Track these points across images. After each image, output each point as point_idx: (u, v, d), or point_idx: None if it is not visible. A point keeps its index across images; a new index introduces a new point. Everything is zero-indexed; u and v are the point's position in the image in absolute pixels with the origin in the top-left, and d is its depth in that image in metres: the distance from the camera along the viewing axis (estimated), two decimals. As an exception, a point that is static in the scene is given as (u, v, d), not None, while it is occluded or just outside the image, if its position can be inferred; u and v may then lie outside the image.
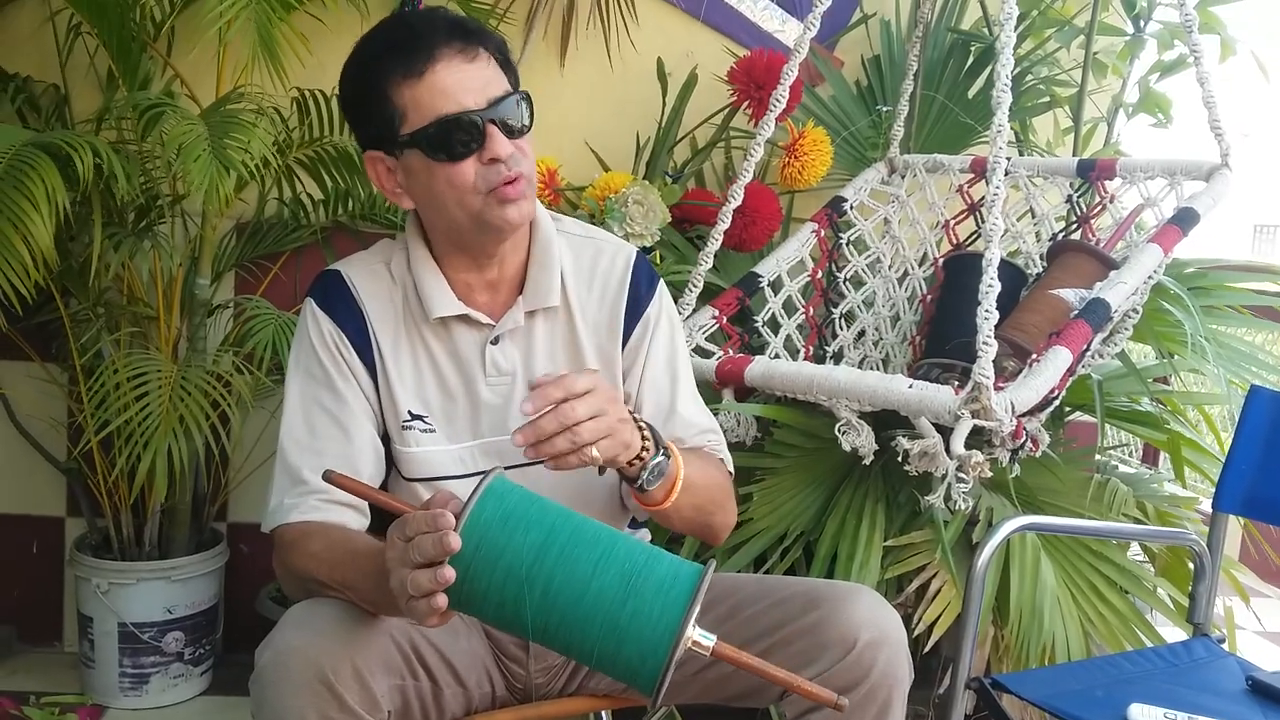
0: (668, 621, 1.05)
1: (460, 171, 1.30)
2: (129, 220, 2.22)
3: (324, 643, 1.18)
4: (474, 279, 1.42)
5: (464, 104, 1.29)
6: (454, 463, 1.42)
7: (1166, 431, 2.16)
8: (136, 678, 2.30)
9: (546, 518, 1.08)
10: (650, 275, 1.52)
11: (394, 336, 1.41)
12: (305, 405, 1.39)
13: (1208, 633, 1.82)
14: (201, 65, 2.32)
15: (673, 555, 1.12)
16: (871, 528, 2.00)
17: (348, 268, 1.44)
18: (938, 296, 2.30)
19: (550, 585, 1.06)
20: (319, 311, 1.41)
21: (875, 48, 2.64)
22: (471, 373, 1.43)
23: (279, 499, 1.35)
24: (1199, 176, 1.98)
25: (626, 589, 1.05)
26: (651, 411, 1.49)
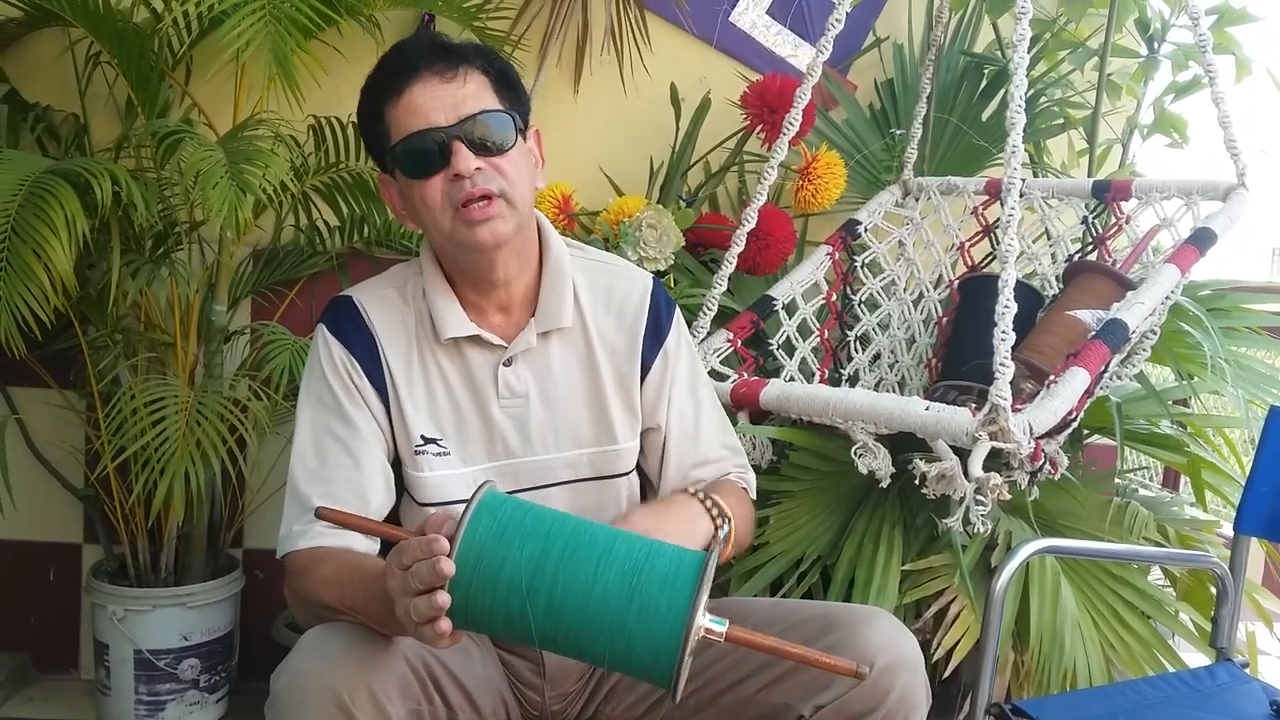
0: (675, 614, 1.04)
1: (429, 188, 1.34)
2: (147, 247, 2.24)
3: (340, 668, 1.17)
4: (485, 301, 1.43)
5: (432, 120, 1.32)
6: (466, 486, 1.42)
7: (1186, 454, 2.14)
8: (152, 705, 2.29)
9: (542, 526, 1.08)
10: (668, 303, 1.53)
11: (406, 359, 1.42)
12: (315, 433, 1.39)
13: (1231, 657, 1.79)
14: (219, 94, 2.34)
15: (673, 546, 1.11)
16: (889, 552, 1.99)
17: (359, 293, 1.45)
18: (953, 319, 2.29)
19: (553, 594, 1.05)
20: (330, 337, 1.42)
21: (888, 71, 2.65)
22: (484, 394, 1.43)
23: (289, 526, 1.36)
24: (1215, 196, 1.98)
25: (630, 587, 1.05)
26: (678, 438, 1.51)
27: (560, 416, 1.45)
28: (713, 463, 1.52)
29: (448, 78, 1.34)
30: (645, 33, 2.51)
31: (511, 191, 1.35)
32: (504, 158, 1.35)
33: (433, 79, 1.34)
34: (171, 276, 2.24)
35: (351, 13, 2.19)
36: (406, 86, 1.34)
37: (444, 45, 1.37)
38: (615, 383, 1.48)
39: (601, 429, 1.47)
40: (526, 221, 1.40)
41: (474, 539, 1.06)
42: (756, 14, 2.60)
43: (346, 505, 1.33)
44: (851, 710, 1.27)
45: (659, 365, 1.50)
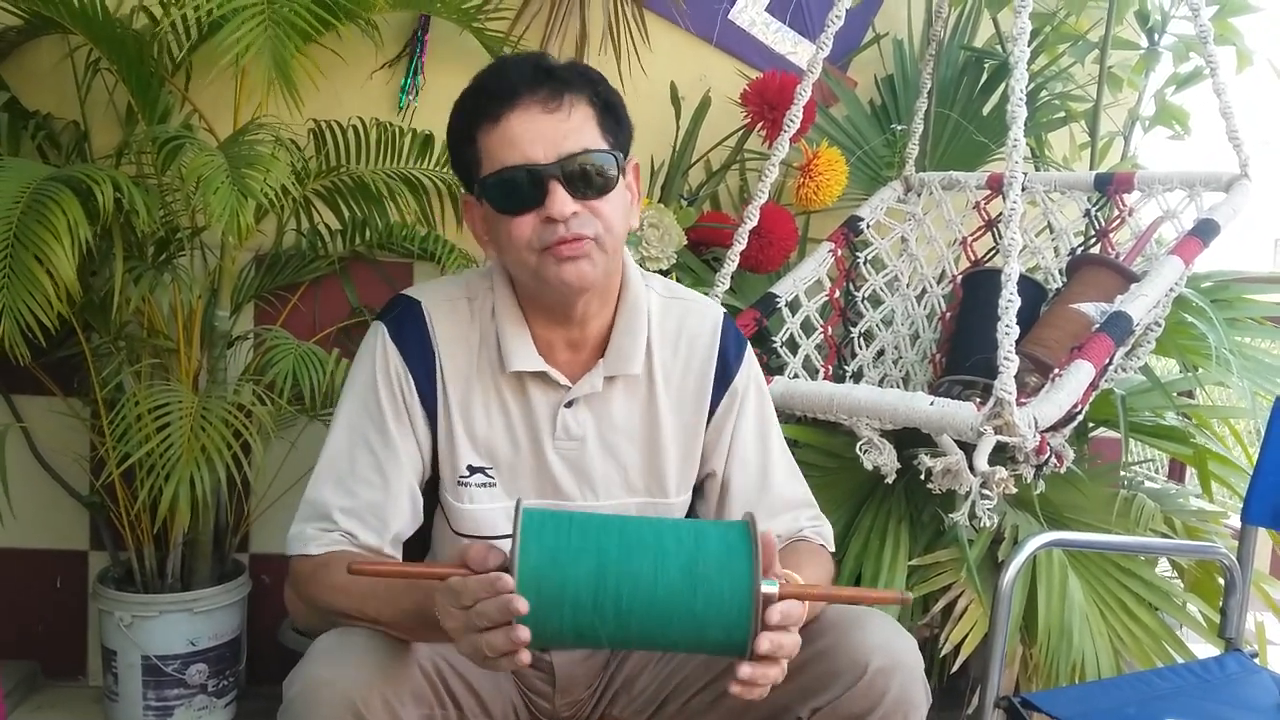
0: (740, 593, 1.05)
1: (518, 225, 1.26)
2: (149, 254, 2.24)
3: (354, 674, 1.16)
4: (556, 336, 1.37)
5: (529, 156, 1.23)
6: (508, 521, 1.37)
7: (1192, 445, 2.14)
8: (161, 710, 2.29)
9: (591, 539, 1.06)
10: (739, 340, 1.47)
11: (465, 382, 1.36)
12: (352, 438, 1.34)
13: (1240, 648, 1.79)
14: (219, 99, 2.34)
15: (716, 525, 1.11)
16: (895, 547, 1.99)
17: (429, 300, 1.38)
18: (957, 314, 2.29)
19: (619, 603, 1.05)
20: (390, 344, 1.35)
21: (888, 67, 2.64)
22: (540, 433, 1.38)
23: (302, 527, 1.32)
24: (1218, 188, 1.97)
25: (692, 576, 1.05)
26: (741, 486, 1.44)
27: (614, 464, 1.41)
28: (781, 514, 1.44)
29: (550, 108, 1.24)
30: (644, 32, 2.51)
31: (606, 237, 1.27)
32: (603, 200, 1.26)
33: (534, 107, 1.24)
34: (174, 282, 2.24)
35: (350, 16, 2.19)
36: (505, 114, 1.24)
37: (549, 69, 1.27)
38: (676, 431, 1.42)
39: (653, 480, 1.43)
40: (614, 265, 1.33)
41: (530, 569, 1.04)
42: (756, 11, 2.59)
43: (365, 524, 1.31)
44: (848, 711, 1.25)
45: (723, 407, 1.44)
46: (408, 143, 2.42)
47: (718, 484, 1.46)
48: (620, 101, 1.34)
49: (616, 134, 1.31)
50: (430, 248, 2.47)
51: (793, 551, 1.41)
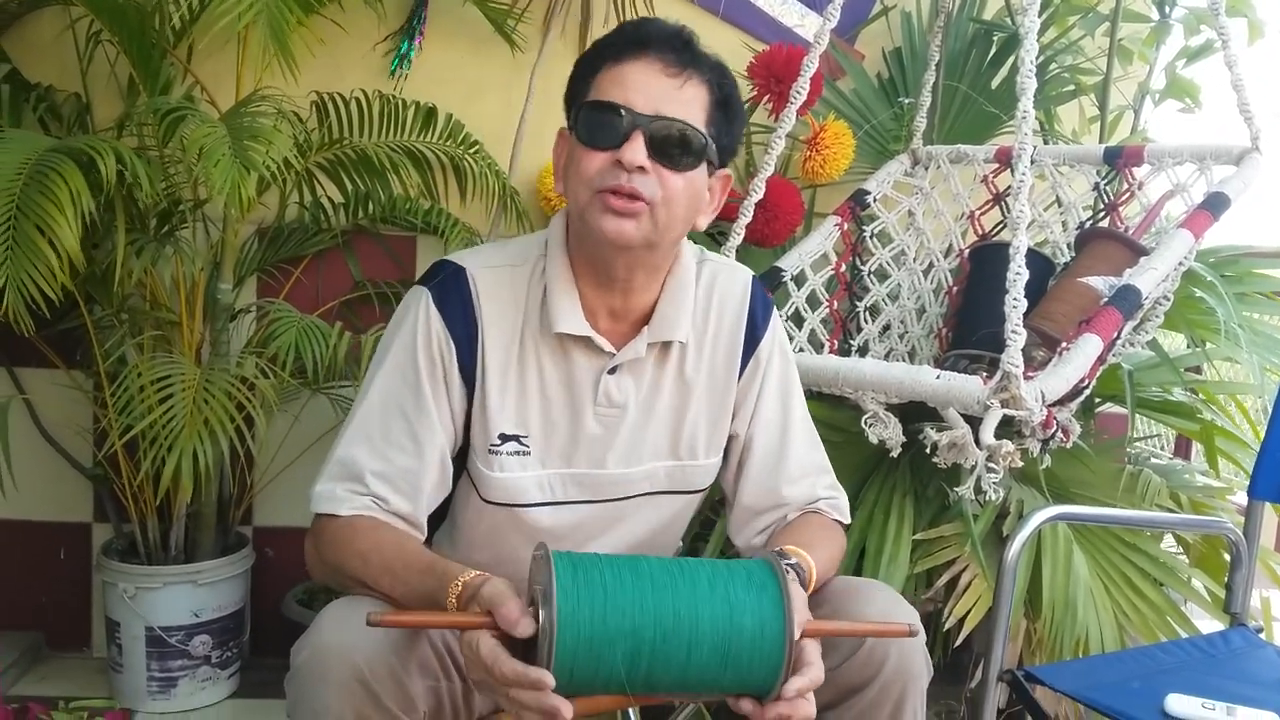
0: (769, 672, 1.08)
1: (590, 159, 1.26)
2: (151, 226, 2.23)
3: (362, 643, 1.16)
4: (600, 303, 1.36)
5: (630, 101, 1.25)
6: (539, 489, 1.38)
7: (1199, 421, 2.13)
8: (164, 681, 2.30)
9: (626, 622, 1.05)
10: (766, 304, 1.48)
11: (505, 350, 1.35)
12: (385, 402, 1.33)
13: (1245, 622, 1.79)
14: (221, 71, 2.33)
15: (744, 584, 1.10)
16: (900, 521, 1.98)
17: (475, 266, 1.36)
18: (964, 288, 2.27)
19: (650, 681, 1.07)
20: (434, 310, 1.34)
21: (896, 40, 2.62)
22: (581, 399, 1.37)
23: (332, 486, 1.31)
24: (1229, 161, 1.95)
25: (723, 658, 1.07)
26: (763, 449, 1.45)
27: (650, 429, 1.41)
28: (799, 481, 1.45)
29: (670, 72, 1.26)
30: (649, 4, 2.48)
31: (661, 208, 1.26)
32: (675, 174, 1.26)
33: (656, 64, 1.26)
34: (176, 255, 2.23)
35: (352, -14, 2.18)
36: (629, 59, 1.27)
37: (686, 41, 1.29)
38: (708, 394, 1.43)
39: (684, 443, 1.43)
40: (663, 240, 1.31)
41: (566, 656, 1.04)
42: (762, -17, 2.57)
43: (398, 489, 1.31)
44: (848, 681, 1.26)
45: (749, 370, 1.45)
46: (410, 115, 2.40)
47: (739, 446, 1.47)
48: (740, 110, 1.35)
49: (720, 129, 1.31)
50: (433, 221, 2.46)
51: (805, 528, 1.41)
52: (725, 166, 1.37)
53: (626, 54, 1.27)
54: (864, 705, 1.27)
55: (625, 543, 1.45)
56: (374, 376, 1.35)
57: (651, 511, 1.46)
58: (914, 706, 1.28)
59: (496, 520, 1.41)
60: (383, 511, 1.31)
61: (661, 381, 1.41)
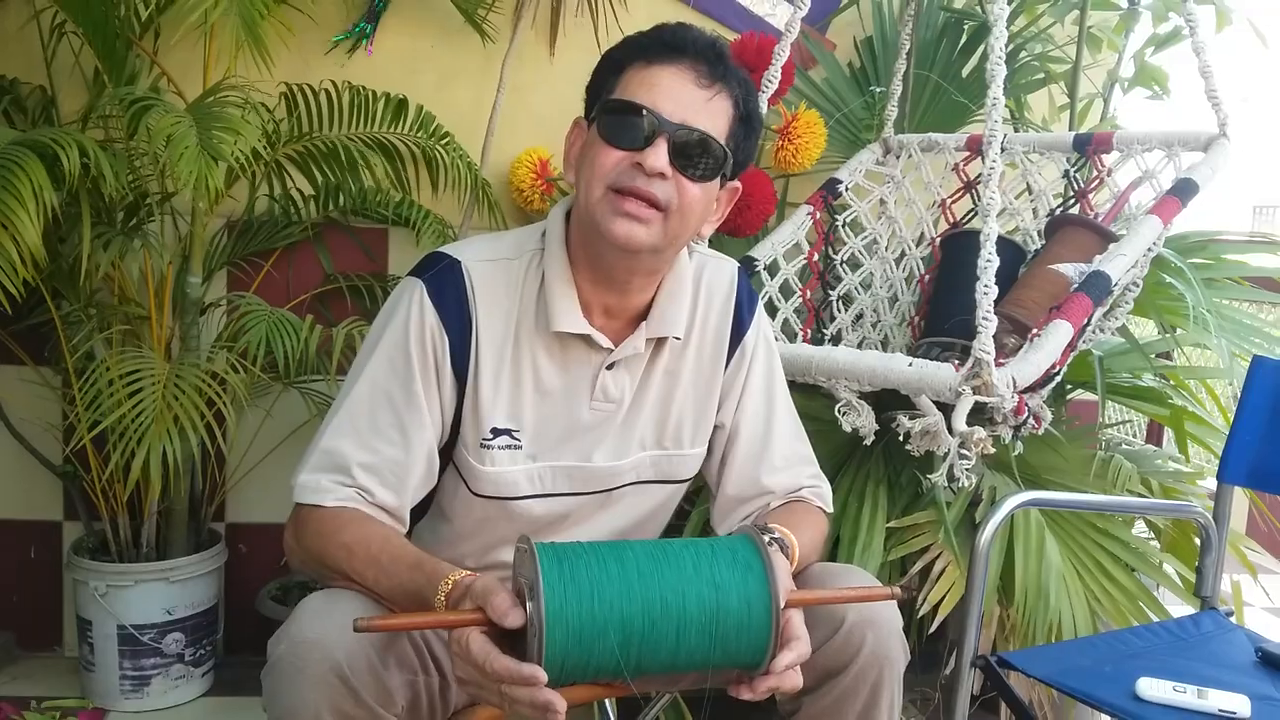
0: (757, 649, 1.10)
1: (607, 155, 1.27)
2: (118, 219, 2.20)
3: (341, 636, 1.15)
4: (597, 300, 1.36)
5: (658, 105, 1.25)
6: (529, 482, 1.38)
7: (1169, 406, 2.14)
8: (137, 680, 2.28)
9: (615, 612, 1.06)
10: (751, 296, 1.49)
11: (500, 345, 1.35)
12: (374, 393, 1.32)
13: (1216, 606, 1.80)
14: (188, 62, 2.30)
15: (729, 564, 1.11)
16: (874, 509, 1.98)
17: (471, 260, 1.35)
18: (935, 276, 2.28)
19: (640, 666, 1.07)
20: (428, 304, 1.32)
21: (867, 28, 2.62)
22: (577, 394, 1.38)
23: (316, 476, 1.30)
24: (1197, 147, 1.96)
25: (711, 639, 1.08)
26: (748, 438, 1.47)
27: (641, 422, 1.42)
28: (783, 470, 1.46)
29: (702, 83, 1.28)
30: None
31: (675, 215, 1.27)
32: (693, 183, 1.27)
33: (688, 73, 1.27)
34: (144, 248, 2.21)
35: (320, -24, 2.16)
36: (662, 63, 1.27)
37: (720, 54, 1.30)
38: (695, 386, 1.44)
39: (670, 433, 1.44)
40: (670, 247, 1.32)
41: (556, 650, 1.04)
42: (733, -28, 2.57)
43: (384, 481, 1.30)
44: (824, 665, 1.27)
45: (735, 360, 1.46)
46: (381, 106, 2.39)
47: (724, 436, 1.48)
48: (759, 126, 1.37)
49: (739, 144, 1.33)
50: (405, 213, 2.45)
51: (789, 513, 1.42)
52: (736, 179, 1.37)
53: (660, 58, 1.28)
54: (841, 689, 1.27)
55: (610, 530, 1.46)
56: (362, 367, 1.34)
57: (637, 500, 1.46)
58: (890, 690, 1.29)
59: (485, 513, 1.40)
60: (367, 504, 1.30)
61: (652, 373, 1.42)
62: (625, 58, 1.31)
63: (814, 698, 1.29)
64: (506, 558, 1.15)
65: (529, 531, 1.39)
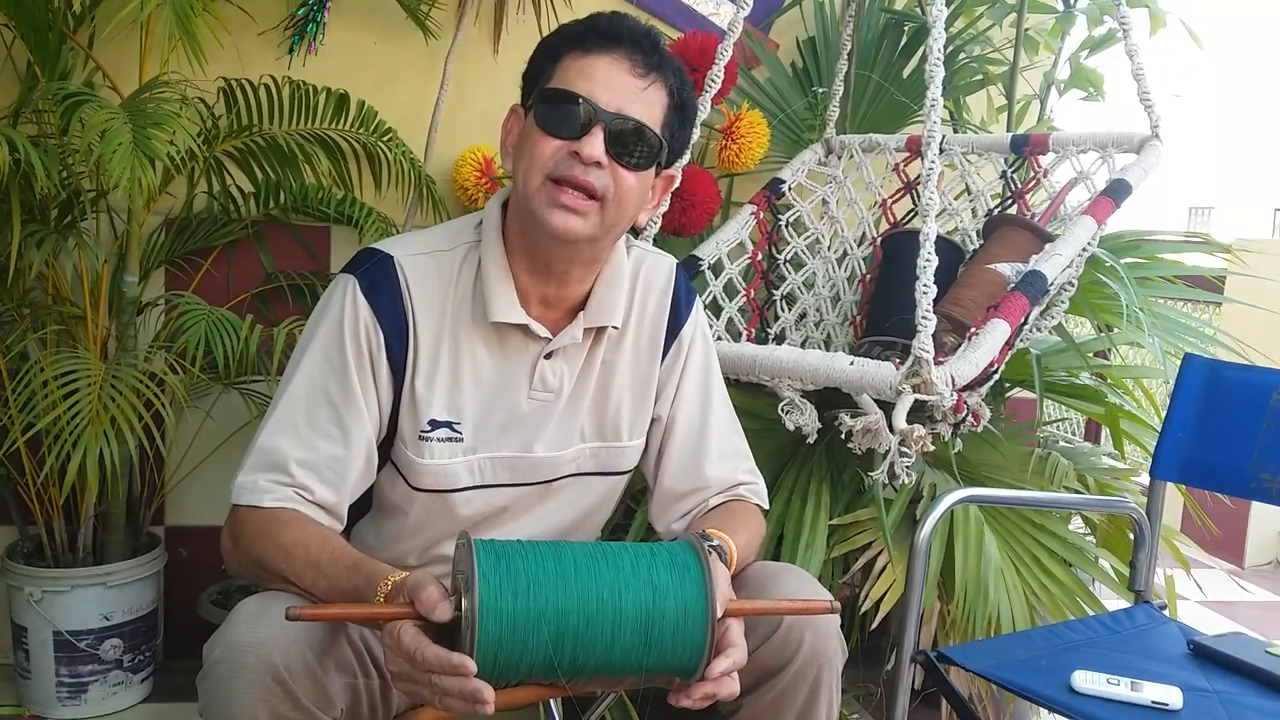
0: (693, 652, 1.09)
1: (544, 144, 1.27)
2: (51, 217, 2.16)
3: (278, 639, 1.14)
4: (534, 290, 1.36)
5: (595, 94, 1.26)
6: (469, 473, 1.38)
7: (1105, 405, 2.18)
8: (74, 687, 2.24)
9: (550, 606, 1.05)
10: (689, 291, 1.50)
11: (436, 338, 1.34)
12: (311, 390, 1.31)
13: (1150, 600, 1.84)
14: (124, 57, 2.26)
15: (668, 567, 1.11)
16: (817, 507, 2.00)
17: (404, 255, 1.35)
18: (877, 276, 2.30)
19: (575, 664, 1.07)
20: (360, 299, 1.32)
21: (810, 29, 2.64)
22: (515, 384, 1.38)
23: (254, 477, 1.28)
24: (1130, 149, 2.00)
25: (647, 639, 1.08)
26: (684, 431, 1.47)
27: (579, 413, 1.42)
28: (719, 463, 1.47)
29: (637, 72, 1.28)
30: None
31: (612, 204, 1.28)
32: (629, 172, 1.28)
33: (624, 62, 1.28)
34: (79, 247, 2.16)
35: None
36: (598, 52, 1.28)
37: (655, 44, 1.31)
38: (632, 378, 1.45)
39: (607, 424, 1.44)
40: (608, 236, 1.33)
41: (489, 642, 1.04)
42: (677, -28, 2.57)
43: (323, 478, 1.29)
44: (764, 666, 1.27)
45: (672, 354, 1.47)
46: (321, 101, 2.36)
47: (660, 429, 1.48)
48: (694, 114, 1.39)
49: (673, 133, 1.34)
50: (347, 211, 2.42)
51: (727, 514, 1.43)
52: (671, 167, 1.39)
53: (596, 46, 1.28)
54: (780, 688, 1.28)
55: (553, 524, 1.46)
56: (298, 364, 1.33)
57: (578, 493, 1.46)
58: (829, 688, 1.30)
59: (425, 507, 1.39)
60: (306, 503, 1.29)
61: (591, 365, 1.42)
62: (561, 45, 1.31)
63: (754, 697, 1.29)
64: (448, 553, 1.14)
65: (469, 526, 1.39)
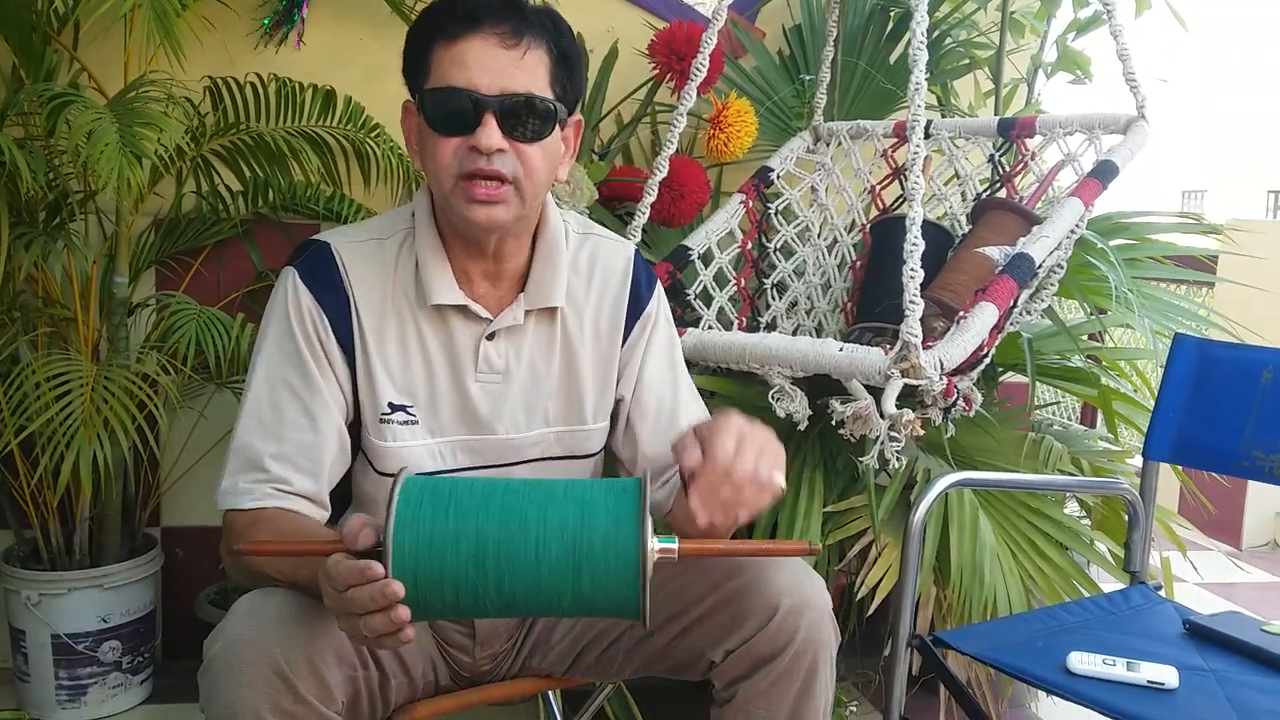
0: (626, 571, 1.04)
1: (445, 145, 1.26)
2: (40, 219, 2.16)
3: (278, 633, 1.14)
4: (474, 268, 1.37)
5: (474, 83, 1.24)
6: (431, 457, 1.38)
7: (1098, 387, 2.18)
8: (73, 690, 2.24)
9: (470, 521, 1.03)
10: (649, 275, 1.50)
11: (380, 320, 1.35)
12: (271, 384, 1.32)
13: (1145, 581, 1.84)
14: (109, 58, 2.25)
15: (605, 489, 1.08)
16: (810, 494, 2.00)
17: (338, 241, 1.36)
18: (866, 262, 2.30)
19: (501, 585, 1.04)
20: (300, 285, 1.33)
21: (796, 16, 2.64)
22: (462, 366, 1.37)
23: (233, 480, 1.30)
24: (1117, 130, 2.00)
25: (576, 559, 1.03)
26: (655, 410, 1.47)
27: (534, 395, 1.41)
28: None
29: (508, 44, 1.25)
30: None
31: (525, 183, 1.28)
32: (533, 145, 1.27)
33: (492, 38, 1.24)
34: (68, 249, 2.16)
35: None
36: (463, 36, 1.25)
37: (517, 6, 1.27)
38: (593, 361, 1.44)
39: (572, 408, 1.44)
40: (530, 211, 1.33)
41: (405, 555, 1.02)
42: (662, -38, 2.57)
43: (299, 467, 1.30)
44: (760, 652, 1.28)
45: (634, 336, 1.46)
46: (309, 98, 2.35)
47: (625, 409, 1.48)
48: (579, 56, 1.34)
49: (566, 86, 1.31)
50: (336, 208, 2.42)
51: None
52: (574, 114, 1.36)
53: (460, 31, 1.25)
54: (775, 675, 1.28)
55: None
56: (256, 363, 1.34)
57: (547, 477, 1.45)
58: (825, 672, 1.30)
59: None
60: (286, 497, 1.29)
61: (548, 348, 1.42)
62: (429, 37, 1.28)
63: (750, 684, 1.29)
64: None
65: None
